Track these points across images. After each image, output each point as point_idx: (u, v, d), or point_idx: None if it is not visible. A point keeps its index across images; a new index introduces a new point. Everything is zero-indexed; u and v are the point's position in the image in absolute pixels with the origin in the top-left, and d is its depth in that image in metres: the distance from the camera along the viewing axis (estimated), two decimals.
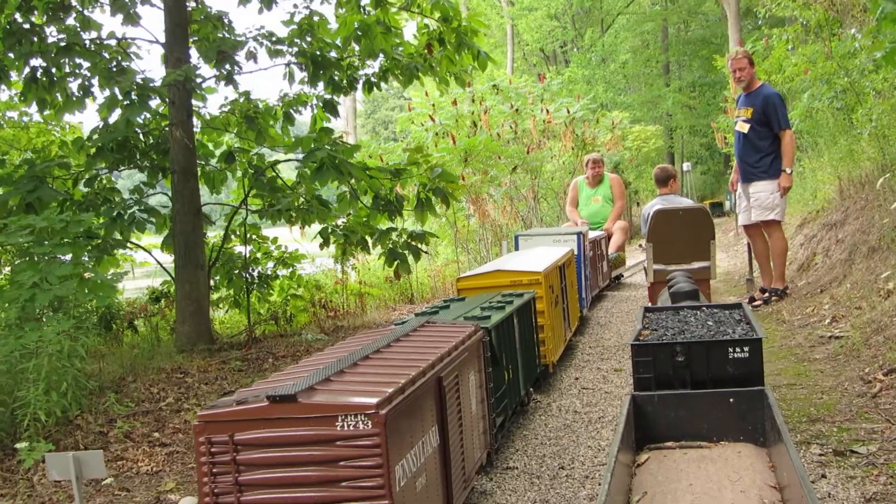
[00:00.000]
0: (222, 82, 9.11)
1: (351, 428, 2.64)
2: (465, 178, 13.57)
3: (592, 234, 9.99)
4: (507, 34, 37.63)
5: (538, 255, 6.91)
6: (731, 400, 3.47)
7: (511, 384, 4.83)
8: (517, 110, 16.88)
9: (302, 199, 9.50)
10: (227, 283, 9.57)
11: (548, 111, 17.05)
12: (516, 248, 8.21)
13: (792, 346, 6.61)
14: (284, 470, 2.69)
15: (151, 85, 8.15)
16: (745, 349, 3.73)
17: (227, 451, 2.71)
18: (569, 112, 17.46)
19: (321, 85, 10.28)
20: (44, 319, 5.97)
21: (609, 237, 11.80)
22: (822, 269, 8.65)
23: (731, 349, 3.75)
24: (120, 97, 8.29)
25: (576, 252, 7.96)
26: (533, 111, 17.07)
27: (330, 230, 9.27)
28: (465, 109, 16.11)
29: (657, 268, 7.19)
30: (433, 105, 16.31)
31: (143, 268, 11.60)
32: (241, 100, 9.66)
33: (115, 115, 8.82)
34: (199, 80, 8.91)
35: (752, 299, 8.52)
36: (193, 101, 9.76)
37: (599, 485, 3.67)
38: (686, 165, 30.91)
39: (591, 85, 34.11)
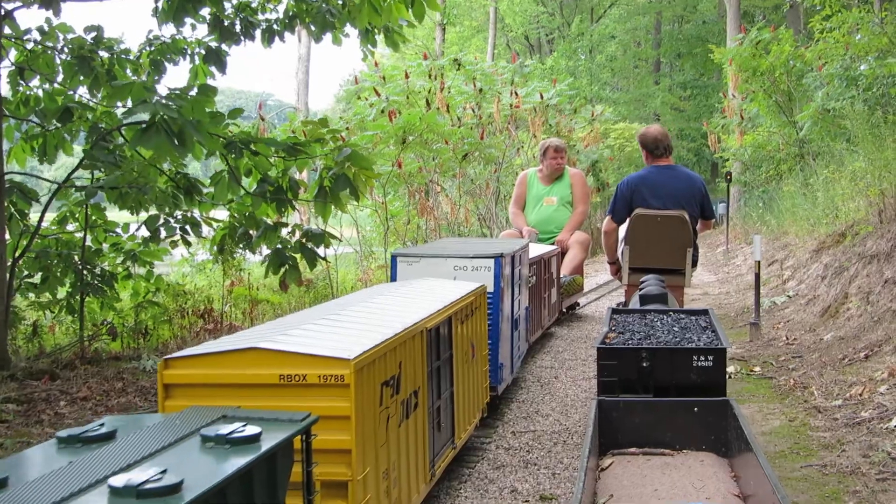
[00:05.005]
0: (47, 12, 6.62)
1: None
2: (401, 165, 11.11)
3: (539, 250, 7.36)
4: (489, 18, 35.01)
5: (401, 302, 3.76)
6: (696, 409, 3.47)
7: None
8: (481, 90, 14.41)
9: (166, 178, 7.07)
10: (42, 283, 7.06)
11: (517, 94, 14.59)
12: (393, 278, 5.27)
13: (844, 470, 3.78)
14: None
15: None
16: (710, 358, 3.74)
17: None
18: (542, 97, 15.04)
19: (205, 29, 7.89)
20: None
21: (563, 253, 8.89)
22: (863, 318, 6.12)
23: (695, 357, 3.76)
24: None
25: (491, 288, 4.84)
26: (500, 93, 14.60)
27: (161, 221, 6.81)
28: (418, 85, 13.60)
29: (632, 270, 7.00)
30: (383, 77, 13.83)
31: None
32: (89, 37, 7.21)
33: None
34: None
35: None
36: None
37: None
38: None
39: (576, 77, 31.68)
